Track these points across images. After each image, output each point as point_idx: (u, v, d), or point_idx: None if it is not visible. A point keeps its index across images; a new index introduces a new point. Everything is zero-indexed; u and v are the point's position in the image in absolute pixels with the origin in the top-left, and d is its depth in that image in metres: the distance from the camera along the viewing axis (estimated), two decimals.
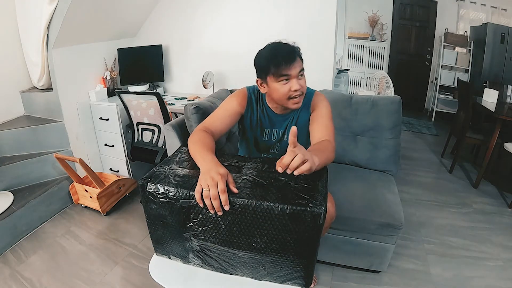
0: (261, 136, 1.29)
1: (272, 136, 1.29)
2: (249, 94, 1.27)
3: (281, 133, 1.28)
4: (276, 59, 1.08)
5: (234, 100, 1.25)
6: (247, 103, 1.26)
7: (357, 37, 4.59)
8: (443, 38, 4.29)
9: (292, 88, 1.10)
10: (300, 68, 1.11)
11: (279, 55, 1.09)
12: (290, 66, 1.08)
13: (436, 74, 4.51)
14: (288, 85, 1.10)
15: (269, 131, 1.28)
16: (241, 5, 2.48)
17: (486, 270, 1.72)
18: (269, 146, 1.31)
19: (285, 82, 1.10)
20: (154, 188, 0.86)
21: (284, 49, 1.10)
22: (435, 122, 4.47)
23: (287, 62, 1.08)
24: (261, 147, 1.32)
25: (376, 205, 1.56)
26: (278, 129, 1.28)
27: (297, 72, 1.09)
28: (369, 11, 4.53)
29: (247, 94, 1.27)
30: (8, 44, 2.21)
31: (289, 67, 1.08)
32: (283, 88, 1.11)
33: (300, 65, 1.11)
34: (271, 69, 1.09)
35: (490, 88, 2.97)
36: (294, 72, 1.09)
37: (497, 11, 4.13)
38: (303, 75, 1.13)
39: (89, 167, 2.04)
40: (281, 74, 1.09)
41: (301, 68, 1.11)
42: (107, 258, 1.79)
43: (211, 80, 2.61)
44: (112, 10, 2.33)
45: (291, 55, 1.09)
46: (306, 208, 0.76)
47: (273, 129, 1.28)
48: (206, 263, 0.95)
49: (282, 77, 1.09)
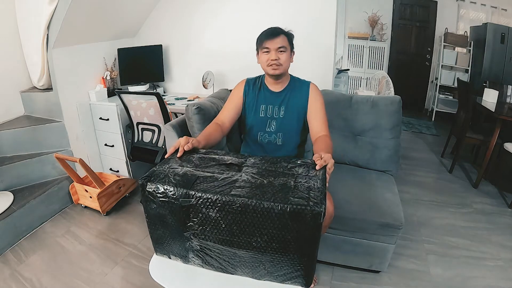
0: (258, 112, 1.47)
1: (268, 112, 1.46)
2: (248, 81, 1.52)
3: (276, 109, 1.46)
4: (262, 34, 1.38)
5: (235, 89, 1.52)
6: (244, 88, 1.50)
7: (357, 37, 4.60)
8: (443, 38, 4.29)
9: (270, 57, 1.35)
10: (281, 44, 1.34)
11: (264, 32, 1.38)
12: (270, 40, 1.34)
13: (436, 74, 4.51)
14: (268, 55, 1.36)
15: (265, 107, 1.47)
16: (241, 5, 2.48)
17: (486, 270, 1.72)
18: (266, 123, 1.47)
19: (267, 53, 1.36)
20: (154, 188, 0.87)
21: (271, 29, 1.37)
22: (435, 122, 4.47)
23: (268, 37, 1.35)
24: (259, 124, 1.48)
25: (376, 205, 1.56)
26: (273, 105, 1.46)
27: (276, 47, 1.34)
28: (369, 11, 4.53)
29: (245, 81, 1.52)
30: (8, 44, 2.21)
31: (269, 41, 1.34)
32: (264, 57, 1.37)
33: (282, 42, 1.34)
34: (258, 42, 1.39)
35: (490, 88, 2.97)
36: (273, 46, 1.34)
37: (497, 11, 4.13)
38: (285, 52, 1.35)
39: (89, 167, 2.04)
40: (263, 46, 1.36)
41: (282, 45, 1.34)
42: (107, 258, 1.79)
43: (211, 80, 2.61)
44: (112, 10, 2.33)
45: (274, 33, 1.35)
46: (306, 207, 0.76)
47: (268, 105, 1.46)
48: (206, 262, 0.95)
49: (264, 48, 1.36)
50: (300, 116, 1.45)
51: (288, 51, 1.38)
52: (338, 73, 3.25)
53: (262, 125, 1.47)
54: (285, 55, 1.36)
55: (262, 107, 1.46)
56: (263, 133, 1.48)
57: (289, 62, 1.41)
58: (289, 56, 1.39)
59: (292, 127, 1.46)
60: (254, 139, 1.50)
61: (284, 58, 1.36)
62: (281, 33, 1.36)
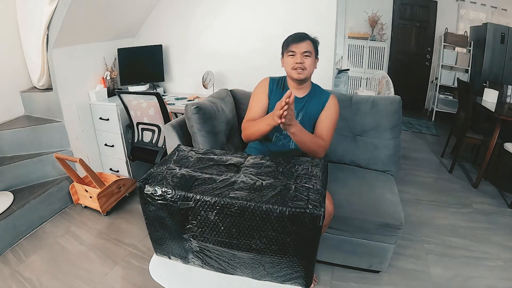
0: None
1: None
2: (271, 81, 1.53)
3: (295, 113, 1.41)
4: (289, 38, 1.42)
5: (259, 88, 1.53)
6: (269, 87, 1.51)
7: (357, 37, 4.59)
8: (443, 38, 4.29)
9: (295, 61, 1.38)
10: (306, 49, 1.38)
11: (291, 36, 1.42)
12: (296, 44, 1.38)
13: (436, 74, 4.50)
14: (293, 59, 1.39)
15: None
16: (241, 6, 2.48)
17: (486, 270, 1.72)
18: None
19: (292, 56, 1.39)
20: (152, 190, 0.86)
21: (298, 33, 1.41)
22: (435, 122, 4.46)
23: (295, 41, 1.39)
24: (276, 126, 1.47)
25: (376, 205, 1.56)
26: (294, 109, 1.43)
27: (301, 51, 1.37)
28: (369, 11, 4.53)
29: (269, 82, 1.53)
30: (8, 44, 2.20)
31: (296, 45, 1.38)
32: (290, 60, 1.40)
33: (307, 47, 1.38)
34: (284, 45, 1.43)
35: (490, 88, 2.96)
36: (299, 50, 1.37)
37: (497, 11, 4.13)
38: (309, 57, 1.39)
39: (89, 167, 2.04)
40: (289, 49, 1.39)
41: (307, 50, 1.38)
42: (107, 258, 1.79)
43: (211, 80, 2.61)
44: (112, 10, 2.33)
45: (300, 37, 1.39)
46: (306, 210, 0.76)
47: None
48: (206, 263, 0.95)
49: (290, 52, 1.39)
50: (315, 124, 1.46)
51: (313, 56, 1.41)
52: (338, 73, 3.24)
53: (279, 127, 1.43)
54: (310, 60, 1.39)
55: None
56: (279, 135, 1.50)
57: (313, 68, 1.43)
58: (313, 62, 1.41)
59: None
60: (268, 138, 1.51)
61: (308, 63, 1.39)
62: (307, 38, 1.40)
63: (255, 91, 1.54)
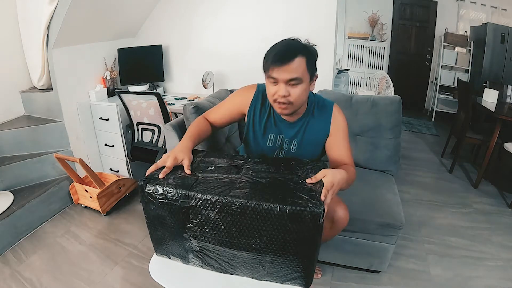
0: (265, 141, 1.17)
1: (277, 142, 1.16)
2: (257, 92, 1.16)
3: (286, 142, 1.15)
4: (270, 54, 0.97)
5: (238, 96, 1.19)
6: (251, 101, 1.15)
7: (357, 37, 4.59)
8: (443, 38, 4.29)
9: (278, 92, 0.98)
10: (293, 76, 0.95)
11: (274, 52, 0.97)
12: (278, 68, 0.95)
13: (436, 74, 4.50)
14: (275, 87, 0.99)
15: (274, 137, 1.16)
16: (241, 5, 2.48)
17: (486, 270, 1.72)
18: (273, 153, 1.18)
19: (274, 84, 0.99)
20: (153, 189, 0.87)
21: (283, 48, 0.96)
22: (435, 122, 4.46)
23: (277, 62, 0.94)
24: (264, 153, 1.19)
25: (376, 205, 1.56)
26: (284, 136, 1.15)
27: (285, 78, 0.95)
28: (369, 11, 4.53)
29: (255, 93, 1.16)
30: (8, 44, 2.20)
31: (278, 69, 0.95)
32: (271, 89, 1.01)
33: (296, 71, 0.95)
34: (264, 63, 1.00)
35: (490, 88, 2.96)
36: (282, 77, 0.96)
37: (497, 11, 4.13)
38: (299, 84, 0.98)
39: (89, 167, 2.04)
40: (269, 74, 0.98)
41: (295, 77, 0.95)
42: (107, 258, 1.79)
43: (211, 80, 2.61)
44: (112, 10, 2.33)
45: (285, 57, 0.94)
46: (306, 208, 0.76)
47: (278, 135, 1.16)
48: (206, 263, 0.95)
49: (271, 78, 0.99)
50: (316, 149, 1.16)
51: (306, 81, 0.99)
52: (338, 73, 3.24)
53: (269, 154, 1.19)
54: (299, 89, 0.98)
55: (270, 136, 1.16)
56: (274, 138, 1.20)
57: (306, 94, 1.03)
58: (306, 87, 1.00)
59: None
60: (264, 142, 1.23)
61: (297, 94, 0.98)
62: (297, 54, 0.95)
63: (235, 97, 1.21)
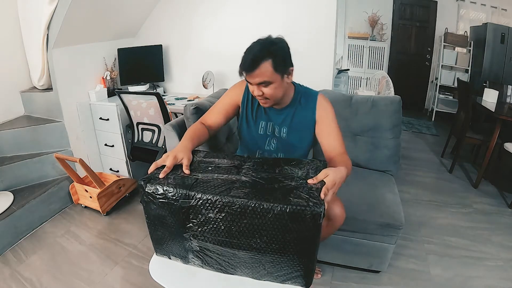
0: (256, 129, 1.29)
1: (268, 130, 1.28)
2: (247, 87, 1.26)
3: (276, 128, 1.27)
4: (241, 63, 1.09)
5: (231, 91, 1.31)
6: (244, 92, 1.29)
7: (357, 37, 4.59)
8: (443, 38, 4.29)
9: (253, 92, 1.13)
10: (261, 80, 1.08)
11: (242, 60, 1.09)
12: (248, 74, 1.09)
13: (436, 74, 4.50)
14: (252, 87, 1.13)
15: (264, 124, 1.28)
16: (241, 5, 2.48)
17: (486, 270, 1.72)
18: (265, 141, 1.29)
19: (250, 84, 1.13)
20: (153, 189, 0.87)
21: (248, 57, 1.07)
22: (435, 122, 4.46)
23: (247, 70, 1.08)
24: (257, 141, 1.31)
25: (376, 205, 1.56)
26: (274, 123, 1.27)
27: (255, 83, 1.09)
28: (369, 11, 4.53)
29: (246, 86, 1.28)
30: (8, 44, 2.20)
31: (247, 75, 1.09)
32: (249, 87, 1.15)
33: (263, 76, 1.07)
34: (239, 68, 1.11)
35: (490, 88, 2.96)
36: (252, 81, 1.10)
37: (497, 11, 4.13)
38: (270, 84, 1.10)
39: (89, 167, 2.04)
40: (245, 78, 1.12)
41: (263, 81, 1.08)
42: (107, 258, 1.79)
43: (211, 80, 2.61)
44: (112, 10, 2.33)
45: (251, 65, 1.06)
46: (306, 208, 0.76)
47: (268, 122, 1.28)
48: (206, 263, 0.95)
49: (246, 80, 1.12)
50: (306, 135, 1.25)
51: (277, 80, 1.10)
52: (338, 73, 3.25)
53: (261, 143, 1.30)
54: (271, 88, 1.10)
55: (261, 124, 1.28)
56: (262, 152, 1.32)
57: (282, 89, 1.14)
58: (278, 85, 1.11)
59: (294, 147, 1.28)
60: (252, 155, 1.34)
61: (270, 92, 1.11)
62: (261, 61, 1.05)
63: (227, 94, 1.31)
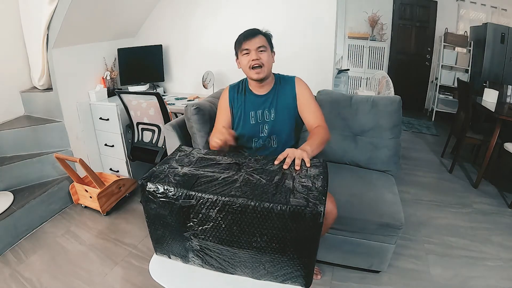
0: (249, 120, 1.42)
1: (258, 118, 1.42)
2: (230, 88, 1.48)
3: (266, 112, 1.41)
4: (239, 37, 1.37)
5: (220, 102, 1.49)
6: (229, 95, 1.46)
7: (357, 37, 4.59)
8: (443, 38, 4.29)
9: (251, 58, 1.32)
10: (260, 44, 1.32)
11: (242, 34, 1.36)
12: (248, 41, 1.32)
13: (436, 74, 4.51)
14: (249, 56, 1.33)
15: (254, 113, 1.42)
16: (241, 5, 2.48)
17: (486, 270, 1.72)
18: (258, 129, 1.42)
19: (247, 54, 1.33)
20: (154, 188, 0.87)
21: (248, 30, 1.35)
22: (435, 122, 4.46)
23: (246, 38, 1.33)
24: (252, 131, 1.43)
25: (376, 205, 1.56)
26: (262, 109, 1.42)
27: (255, 47, 1.31)
28: (369, 11, 4.53)
29: (229, 89, 1.48)
30: (8, 44, 2.20)
31: (248, 42, 1.32)
32: (245, 59, 1.34)
33: (261, 42, 1.32)
34: (236, 44, 1.38)
35: (490, 88, 2.96)
36: (253, 46, 1.31)
37: (497, 11, 4.13)
38: (264, 51, 1.33)
39: (89, 167, 2.04)
40: (242, 48, 1.33)
41: (262, 45, 1.32)
42: (107, 258, 1.79)
43: (211, 80, 2.61)
44: (112, 10, 2.33)
45: (252, 33, 1.33)
46: (306, 207, 0.76)
47: (257, 111, 1.42)
48: (206, 262, 0.95)
49: (244, 50, 1.33)
50: (291, 115, 1.41)
51: (269, 50, 1.35)
52: (338, 73, 3.25)
53: (255, 132, 1.43)
54: (266, 55, 1.33)
55: (251, 114, 1.42)
56: (257, 139, 1.43)
57: (271, 63, 1.37)
58: (270, 56, 1.36)
59: (284, 127, 1.42)
60: (248, 146, 1.46)
61: (265, 58, 1.33)
62: (258, 33, 1.34)
63: (218, 105, 1.49)
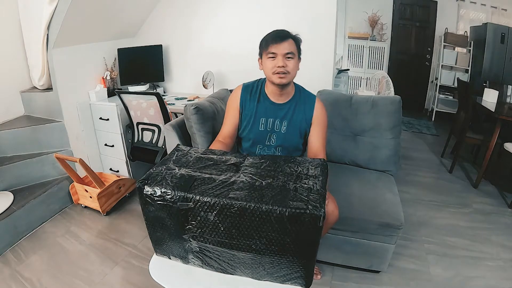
0: (258, 126, 1.35)
1: (268, 126, 1.35)
2: (244, 88, 1.38)
3: (277, 123, 1.34)
4: (268, 37, 1.25)
5: (230, 99, 1.40)
6: (241, 95, 1.37)
7: (357, 37, 4.59)
8: (443, 38, 4.29)
9: (276, 64, 1.22)
10: (289, 50, 1.22)
11: (271, 34, 1.25)
12: (277, 44, 1.21)
13: (436, 74, 4.50)
14: (274, 61, 1.23)
15: (265, 121, 1.35)
16: (241, 6, 2.48)
17: (486, 270, 1.72)
18: (265, 137, 1.36)
19: (273, 58, 1.23)
20: (151, 191, 0.86)
21: (278, 32, 1.24)
22: (435, 122, 4.46)
23: (275, 40, 1.22)
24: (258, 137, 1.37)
25: (376, 205, 1.56)
26: (274, 118, 1.34)
27: (283, 52, 1.21)
28: (369, 11, 4.52)
29: (242, 88, 1.38)
30: (8, 44, 2.20)
31: (277, 45, 1.21)
32: (270, 63, 1.24)
33: (290, 48, 1.22)
34: (263, 45, 1.26)
35: (490, 88, 2.96)
36: (281, 51, 1.21)
37: (497, 11, 4.13)
38: (292, 58, 1.24)
39: (89, 167, 2.04)
40: (269, 51, 1.23)
41: (290, 51, 1.22)
42: (107, 258, 1.79)
43: (211, 80, 2.61)
44: (112, 10, 2.33)
45: (281, 36, 1.22)
46: (306, 211, 0.75)
47: (268, 119, 1.35)
48: (206, 263, 0.95)
49: (270, 54, 1.23)
50: (302, 132, 1.35)
51: (296, 57, 1.26)
52: (338, 73, 3.24)
53: (262, 139, 1.37)
54: (293, 62, 1.24)
55: (262, 120, 1.35)
56: (262, 147, 1.39)
57: (296, 70, 1.28)
58: (297, 64, 1.27)
59: (293, 142, 1.37)
60: (252, 152, 1.41)
61: (292, 66, 1.24)
62: (289, 37, 1.23)
63: (228, 104, 1.40)
